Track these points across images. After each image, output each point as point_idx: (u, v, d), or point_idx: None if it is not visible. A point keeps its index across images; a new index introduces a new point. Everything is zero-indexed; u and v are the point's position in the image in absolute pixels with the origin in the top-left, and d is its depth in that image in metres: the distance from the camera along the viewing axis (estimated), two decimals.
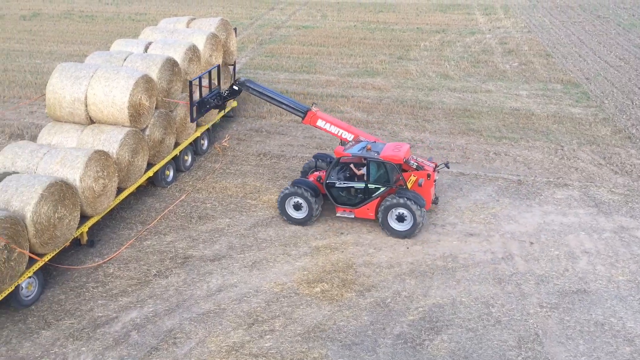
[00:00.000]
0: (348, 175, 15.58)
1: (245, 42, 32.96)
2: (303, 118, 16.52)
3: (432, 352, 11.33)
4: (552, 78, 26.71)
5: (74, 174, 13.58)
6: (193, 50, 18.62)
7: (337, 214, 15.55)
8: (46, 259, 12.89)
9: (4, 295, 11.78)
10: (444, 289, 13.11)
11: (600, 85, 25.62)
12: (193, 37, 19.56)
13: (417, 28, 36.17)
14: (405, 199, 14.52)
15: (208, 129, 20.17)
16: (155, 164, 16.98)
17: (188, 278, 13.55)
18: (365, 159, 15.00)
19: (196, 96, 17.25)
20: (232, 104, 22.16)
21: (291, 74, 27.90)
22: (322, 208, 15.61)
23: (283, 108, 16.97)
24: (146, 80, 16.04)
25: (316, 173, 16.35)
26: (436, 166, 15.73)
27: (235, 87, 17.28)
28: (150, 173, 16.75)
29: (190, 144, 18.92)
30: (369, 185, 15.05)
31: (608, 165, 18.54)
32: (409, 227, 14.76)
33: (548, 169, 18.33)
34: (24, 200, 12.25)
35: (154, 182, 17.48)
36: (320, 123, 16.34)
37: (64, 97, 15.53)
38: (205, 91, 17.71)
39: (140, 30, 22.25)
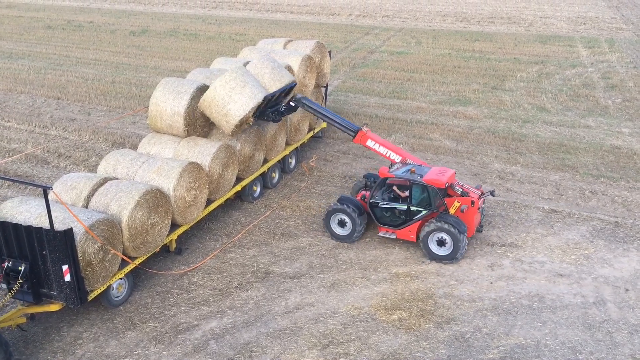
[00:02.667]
0: (392, 196, 15.63)
1: (339, 65, 33.41)
2: (354, 137, 17.04)
3: None
4: None
5: (168, 183, 14.21)
6: (288, 71, 19.06)
7: (380, 234, 15.69)
8: (137, 262, 13.51)
9: (96, 293, 12.44)
10: (527, 329, 12.56)
11: None
12: (288, 58, 20.07)
13: (514, 58, 35.31)
14: (446, 224, 14.48)
15: (296, 148, 20.53)
16: (244, 179, 17.46)
17: (267, 293, 13.75)
18: (408, 181, 15.09)
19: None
20: (322, 124, 22.47)
21: (382, 99, 27.95)
22: (365, 227, 15.91)
23: (335, 126, 17.53)
24: None
25: (362, 192, 16.48)
26: (482, 194, 15.57)
27: (292, 104, 17.64)
28: (238, 187, 17.24)
29: (279, 161, 19.32)
30: (411, 207, 15.12)
31: None
32: (449, 252, 14.76)
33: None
34: (122, 204, 12.93)
35: (242, 197, 17.97)
36: (369, 143, 16.83)
37: (165, 110, 16.34)
38: None
39: (240, 49, 23.09)
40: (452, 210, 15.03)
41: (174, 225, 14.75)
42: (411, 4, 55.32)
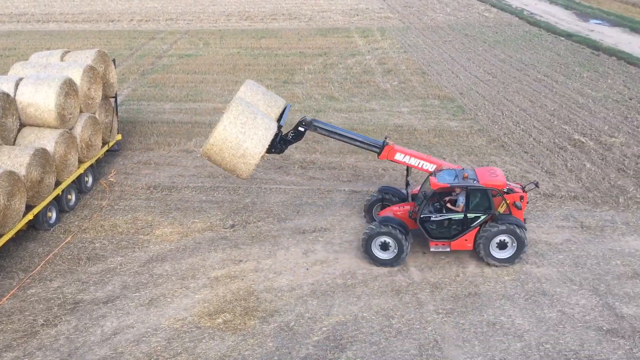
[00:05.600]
0: (439, 207, 14.78)
1: (126, 74, 32.01)
2: (379, 153, 15.66)
3: None
4: (430, 94, 28.20)
5: None
6: (69, 85, 17.79)
7: (432, 249, 14.76)
8: None
9: None
10: (345, 306, 13.31)
11: (473, 99, 27.38)
12: (68, 71, 18.69)
13: (300, 52, 36.89)
14: (510, 225, 14.13)
15: (92, 165, 19.29)
16: (35, 206, 15.96)
17: (80, 324, 12.78)
18: (465, 187, 14.23)
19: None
20: (117, 137, 21.39)
21: (177, 104, 27.41)
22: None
23: (357, 145, 16.04)
24: None
25: (404, 207, 15.24)
26: (523, 187, 15.17)
27: (301, 129, 15.75)
28: (29, 216, 15.70)
29: (73, 181, 17.99)
30: (468, 215, 14.35)
31: None
32: (512, 254, 14.36)
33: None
34: None
35: (35, 226, 16.42)
36: (398, 156, 15.53)
37: None
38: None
39: (10, 66, 20.91)
40: (501, 210, 14.50)
41: None
42: (194, 6, 54.85)
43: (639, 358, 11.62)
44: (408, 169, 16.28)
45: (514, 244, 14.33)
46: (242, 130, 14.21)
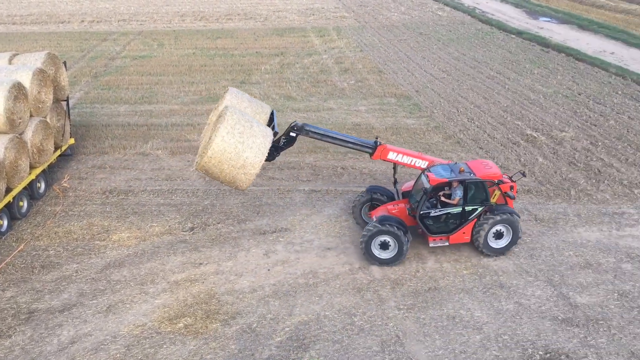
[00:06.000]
0: (435, 202, 14.97)
1: (78, 76, 31.26)
2: (372, 154, 15.54)
3: None
4: (386, 93, 28.45)
5: None
6: (18, 88, 17.28)
7: (430, 245, 14.89)
8: None
9: None
10: (307, 305, 13.33)
11: (429, 96, 27.76)
12: (17, 74, 18.15)
13: (256, 52, 36.72)
14: (506, 214, 14.46)
15: (44, 171, 18.78)
16: None
17: (35, 334, 12.44)
18: (462, 181, 14.40)
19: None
20: (70, 141, 20.88)
21: (132, 106, 26.92)
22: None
23: (349, 147, 15.88)
24: None
25: (398, 205, 15.35)
26: (510, 177, 15.42)
27: (293, 134, 15.20)
28: None
29: (25, 188, 17.48)
30: (466, 207, 14.57)
31: None
32: (507, 243, 14.79)
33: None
34: None
35: None
36: (391, 155, 15.47)
37: None
38: None
39: None
40: (494, 199, 14.73)
41: None
42: (147, 6, 53.97)
43: (593, 346, 12.00)
44: (395, 166, 16.42)
45: (509, 233, 14.74)
46: (241, 139, 13.72)
